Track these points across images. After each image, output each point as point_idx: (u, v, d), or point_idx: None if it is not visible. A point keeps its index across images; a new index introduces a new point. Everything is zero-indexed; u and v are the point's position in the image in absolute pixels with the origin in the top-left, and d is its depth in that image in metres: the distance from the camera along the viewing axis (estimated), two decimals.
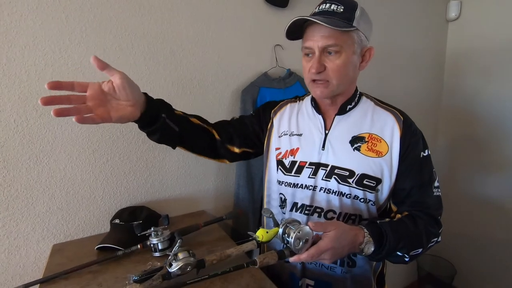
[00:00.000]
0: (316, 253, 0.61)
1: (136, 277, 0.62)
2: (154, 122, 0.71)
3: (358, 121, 0.79)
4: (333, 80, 0.72)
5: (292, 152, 0.82)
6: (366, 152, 0.75)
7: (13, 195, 0.90)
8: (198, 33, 1.14)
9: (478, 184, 2.00)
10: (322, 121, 0.82)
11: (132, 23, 1.01)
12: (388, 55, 1.78)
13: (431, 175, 0.77)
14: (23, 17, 0.85)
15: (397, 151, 0.74)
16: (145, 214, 0.99)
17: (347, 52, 0.71)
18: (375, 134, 0.76)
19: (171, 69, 1.11)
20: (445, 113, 2.14)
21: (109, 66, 0.58)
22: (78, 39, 0.93)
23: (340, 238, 0.63)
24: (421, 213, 0.74)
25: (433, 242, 0.75)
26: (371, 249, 0.67)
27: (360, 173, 0.74)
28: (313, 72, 0.72)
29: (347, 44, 0.70)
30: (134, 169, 1.09)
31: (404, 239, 0.69)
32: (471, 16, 1.93)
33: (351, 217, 0.77)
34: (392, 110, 0.80)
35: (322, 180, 0.77)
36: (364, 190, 0.74)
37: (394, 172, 0.74)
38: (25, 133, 0.89)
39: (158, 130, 0.72)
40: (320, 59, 0.71)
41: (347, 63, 0.72)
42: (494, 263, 1.96)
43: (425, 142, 0.78)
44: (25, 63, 0.87)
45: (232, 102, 1.26)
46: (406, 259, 0.72)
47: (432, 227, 0.73)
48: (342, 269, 0.79)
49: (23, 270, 0.93)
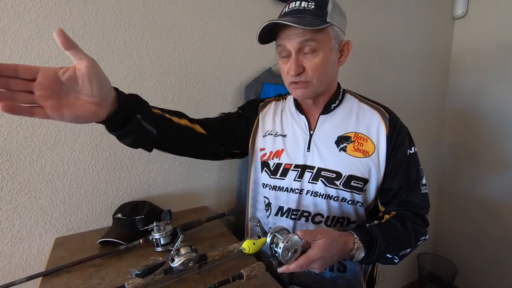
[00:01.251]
0: (305, 263, 0.59)
1: (138, 272, 0.62)
2: (125, 124, 0.57)
3: (343, 120, 0.77)
4: (313, 80, 0.70)
5: (277, 154, 0.80)
6: (353, 152, 0.73)
7: (16, 188, 0.90)
8: (202, 28, 1.13)
9: (480, 183, 1.99)
10: (306, 122, 0.79)
11: (136, 16, 1.01)
12: (393, 53, 1.76)
13: (418, 173, 0.75)
14: (26, 9, 0.85)
15: (384, 150, 0.72)
16: (147, 209, 0.99)
17: (324, 50, 0.68)
18: (361, 133, 0.74)
19: (174, 64, 1.10)
20: (450, 112, 2.12)
21: (77, 47, 0.45)
22: (81, 32, 0.93)
23: (329, 246, 0.60)
24: (409, 212, 0.73)
25: (421, 241, 0.74)
26: (362, 255, 0.65)
27: (347, 174, 0.72)
28: (292, 75, 0.69)
29: (323, 41, 0.68)
30: (136, 163, 1.08)
31: (394, 242, 0.68)
32: (478, 13, 1.90)
33: (339, 220, 0.75)
34: (377, 107, 0.78)
35: (308, 183, 0.75)
36: (351, 191, 0.72)
37: (381, 171, 0.73)
38: (28, 126, 0.89)
39: (131, 133, 0.58)
40: (298, 60, 0.68)
41: (326, 61, 0.69)
42: (496, 262, 1.95)
43: (411, 139, 0.76)
44: (29, 56, 0.87)
45: (236, 97, 1.25)
46: (396, 260, 0.71)
47: (420, 226, 0.72)
48: (332, 274, 0.77)
49: (26, 263, 0.94)
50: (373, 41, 1.66)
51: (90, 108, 0.49)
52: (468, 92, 2.01)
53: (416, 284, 2.19)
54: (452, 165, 2.12)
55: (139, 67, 1.03)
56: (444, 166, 2.15)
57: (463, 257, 2.10)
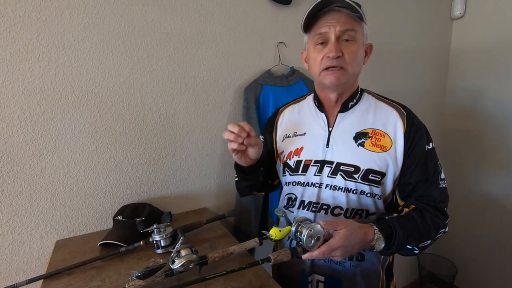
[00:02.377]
0: (327, 251, 0.63)
1: (139, 274, 0.63)
2: (254, 172, 0.85)
3: (361, 117, 0.80)
4: (349, 67, 0.72)
5: (297, 152, 0.83)
6: (370, 147, 0.75)
7: (17, 191, 0.90)
8: (201, 30, 1.14)
9: (480, 183, 2.00)
10: (325, 119, 0.82)
11: (136, 19, 1.01)
12: (392, 53, 1.77)
13: (436, 167, 0.77)
14: (27, 13, 0.85)
15: (401, 146, 0.75)
16: (147, 211, 0.99)
17: (359, 42, 0.72)
18: (379, 129, 0.77)
19: (174, 66, 1.10)
20: (449, 111, 2.13)
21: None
22: (81, 35, 0.93)
23: (350, 236, 0.64)
24: (428, 206, 0.74)
25: (441, 233, 0.75)
26: (382, 246, 0.68)
27: (366, 168, 0.74)
28: (333, 56, 0.70)
29: (359, 34, 0.72)
30: (136, 166, 1.09)
31: (413, 233, 0.70)
32: (476, 14, 1.91)
33: (358, 212, 0.77)
34: (394, 105, 0.80)
35: (327, 177, 0.78)
36: (370, 185, 0.75)
37: (398, 166, 0.75)
38: (29, 129, 0.90)
39: (252, 179, 0.87)
40: (337, 44, 0.71)
41: (360, 53, 0.73)
42: (496, 262, 1.96)
43: (429, 135, 0.78)
44: (29, 59, 0.87)
45: (235, 99, 1.25)
46: (416, 251, 0.73)
47: (439, 218, 0.74)
48: (351, 263, 0.79)
49: (26, 265, 0.94)
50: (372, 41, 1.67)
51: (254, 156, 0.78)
52: (467, 92, 2.01)
53: (416, 284, 2.19)
54: (451, 164, 2.12)
55: (139, 70, 1.04)
56: (443, 165, 2.15)
57: (463, 257, 2.10)
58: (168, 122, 1.12)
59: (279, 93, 1.26)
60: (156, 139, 1.11)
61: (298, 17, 1.41)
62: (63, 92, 0.93)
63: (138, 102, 1.06)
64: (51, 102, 0.92)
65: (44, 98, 0.91)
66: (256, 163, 0.82)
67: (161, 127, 1.12)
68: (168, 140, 1.14)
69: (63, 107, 0.94)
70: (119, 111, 1.03)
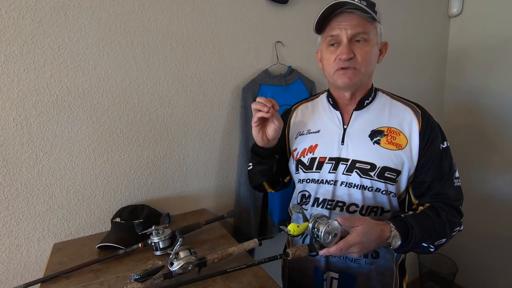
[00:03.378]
0: (344, 247, 0.64)
1: (137, 276, 0.62)
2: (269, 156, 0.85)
3: (376, 115, 0.80)
4: (361, 67, 0.73)
5: (311, 149, 0.83)
6: (386, 145, 0.76)
7: (13, 194, 0.90)
8: (198, 30, 1.13)
9: (480, 182, 2.00)
10: (340, 117, 0.82)
11: (132, 20, 1.00)
12: (389, 52, 1.75)
13: (451, 166, 0.78)
14: (21, 14, 0.85)
15: (417, 145, 0.75)
16: (146, 213, 0.99)
17: (372, 42, 0.73)
18: (394, 128, 0.77)
19: (171, 67, 1.10)
20: (447, 110, 2.13)
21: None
22: (77, 36, 0.92)
23: (367, 233, 0.65)
24: (443, 204, 0.75)
25: (456, 231, 0.76)
26: (398, 243, 0.68)
27: (382, 166, 0.75)
28: (344, 58, 0.71)
29: (372, 35, 0.73)
30: (134, 167, 1.08)
31: (429, 231, 0.70)
32: (473, 12, 1.91)
33: (373, 210, 0.78)
34: (409, 103, 0.81)
35: (342, 174, 0.78)
36: (385, 182, 0.75)
37: (413, 164, 0.76)
38: (25, 131, 0.89)
39: (267, 163, 0.86)
40: (349, 46, 0.72)
41: (373, 53, 0.74)
42: (497, 260, 1.96)
43: (443, 134, 0.79)
44: (24, 61, 0.86)
45: (233, 99, 1.25)
46: (431, 249, 0.73)
47: (454, 216, 0.74)
48: (366, 260, 0.79)
49: (24, 269, 0.93)
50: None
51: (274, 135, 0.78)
52: (465, 89, 2.02)
53: (417, 283, 2.18)
54: None
55: (135, 71, 1.03)
56: None
57: (463, 255, 2.10)
58: (165, 123, 1.12)
59: (277, 92, 1.26)
60: (154, 140, 1.11)
61: (296, 16, 1.41)
62: (59, 94, 0.92)
63: (135, 103, 1.05)
64: (47, 104, 0.91)
65: (40, 100, 0.90)
66: (273, 148, 0.83)
67: (159, 128, 1.11)
68: (166, 141, 1.13)
69: (59, 109, 0.93)
70: (116, 112, 1.02)
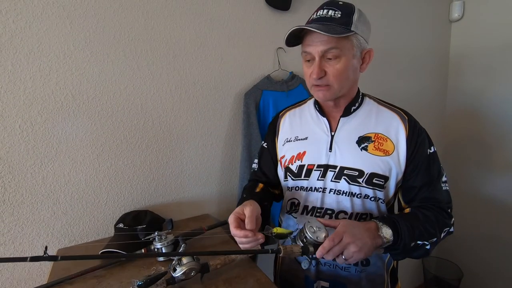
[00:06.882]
0: (336, 236, 0.61)
1: (140, 282, 0.62)
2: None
3: (363, 121, 0.80)
4: (334, 84, 0.73)
5: (299, 156, 0.82)
6: (374, 151, 0.76)
7: (18, 200, 0.90)
8: (200, 37, 1.15)
9: (483, 185, 1.98)
10: (327, 123, 0.82)
11: (136, 28, 1.02)
12: (391, 56, 1.77)
13: (439, 170, 0.78)
14: (28, 23, 0.86)
15: (404, 151, 0.75)
16: (149, 218, 0.99)
17: (346, 56, 0.71)
18: (381, 134, 0.77)
19: (174, 74, 1.11)
20: (449, 113, 2.13)
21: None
22: (82, 44, 0.94)
23: (352, 224, 0.65)
24: (432, 206, 0.75)
25: (446, 232, 0.75)
26: (389, 232, 0.66)
27: (370, 172, 0.75)
28: (314, 78, 0.72)
29: (346, 49, 0.71)
30: (137, 173, 1.09)
31: (417, 225, 0.69)
32: (474, 16, 1.91)
33: (362, 217, 0.78)
34: (396, 109, 0.81)
35: (331, 181, 0.78)
36: (374, 189, 0.75)
37: (401, 170, 0.76)
38: (30, 138, 0.90)
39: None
40: (320, 65, 0.71)
41: (347, 67, 0.72)
42: (503, 265, 1.93)
43: (430, 140, 0.79)
44: (30, 69, 0.88)
45: (235, 105, 1.26)
46: (427, 246, 0.72)
47: (443, 216, 0.74)
48: (356, 268, 0.79)
49: (28, 274, 0.94)
50: (371, 45, 1.68)
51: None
52: (467, 93, 2.01)
53: None
54: (454, 166, 2.11)
55: (139, 78, 1.05)
56: (446, 167, 2.14)
57: (469, 260, 2.07)
58: (168, 129, 1.13)
59: (279, 98, 1.26)
60: (157, 146, 1.12)
61: (297, 22, 1.42)
62: (64, 101, 0.94)
63: (138, 109, 1.06)
64: (52, 111, 0.92)
65: (45, 107, 0.91)
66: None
67: (162, 134, 1.12)
68: (169, 147, 1.14)
69: (64, 115, 0.94)
70: (120, 118, 1.03)
